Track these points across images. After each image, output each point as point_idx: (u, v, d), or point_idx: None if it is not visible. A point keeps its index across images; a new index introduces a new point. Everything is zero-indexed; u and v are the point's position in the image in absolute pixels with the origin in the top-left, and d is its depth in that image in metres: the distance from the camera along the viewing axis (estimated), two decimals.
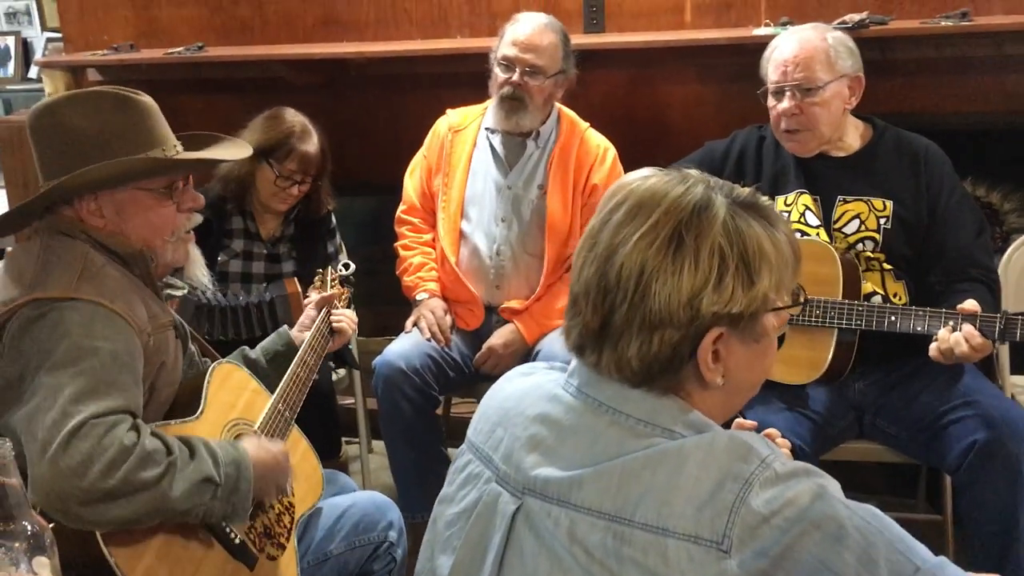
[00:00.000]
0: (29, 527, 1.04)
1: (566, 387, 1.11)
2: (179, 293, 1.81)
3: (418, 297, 2.77)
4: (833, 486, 0.98)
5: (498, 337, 2.69)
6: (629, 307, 1.01)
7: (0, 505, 1.02)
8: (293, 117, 2.71)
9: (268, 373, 1.96)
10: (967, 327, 2.03)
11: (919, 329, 2.10)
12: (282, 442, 1.79)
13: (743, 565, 0.92)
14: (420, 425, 2.60)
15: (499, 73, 2.64)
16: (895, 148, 2.33)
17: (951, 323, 2.06)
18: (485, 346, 2.69)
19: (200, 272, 1.87)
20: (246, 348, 2.04)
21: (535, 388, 1.15)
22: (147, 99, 1.66)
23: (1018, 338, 2.01)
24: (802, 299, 1.10)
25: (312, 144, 2.69)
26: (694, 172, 1.09)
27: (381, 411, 2.62)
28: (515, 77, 2.61)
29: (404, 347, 2.63)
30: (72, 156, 1.59)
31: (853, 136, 2.36)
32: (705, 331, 1.02)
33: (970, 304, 2.06)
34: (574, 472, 1.02)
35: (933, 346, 2.06)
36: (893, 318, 2.13)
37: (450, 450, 2.73)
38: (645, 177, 1.09)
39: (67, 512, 1.36)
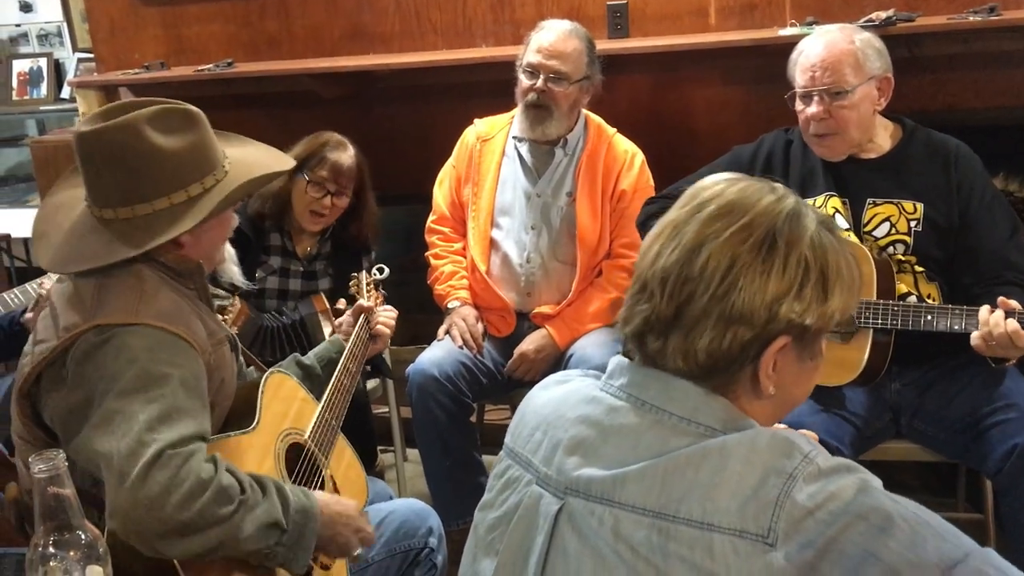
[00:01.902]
0: (83, 536, 1.06)
1: (606, 388, 1.13)
2: (225, 303, 1.85)
3: (450, 305, 2.79)
4: (875, 482, 0.98)
5: (530, 343, 2.70)
6: (710, 299, 1.03)
7: (55, 515, 1.04)
8: (331, 134, 2.76)
9: (323, 379, 1.99)
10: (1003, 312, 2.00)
11: (956, 328, 2.08)
12: (357, 503, 1.77)
13: (789, 557, 0.93)
14: (454, 432, 2.61)
15: (524, 80, 2.66)
16: (925, 149, 2.30)
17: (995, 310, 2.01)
18: (517, 352, 2.70)
19: (234, 269, 1.89)
20: (298, 355, 2.06)
21: (573, 393, 1.17)
22: (199, 111, 1.64)
23: None
24: (854, 328, 1.13)
25: (346, 155, 2.72)
26: (779, 184, 1.12)
27: (415, 419, 2.64)
28: (539, 84, 2.62)
29: (437, 355, 2.64)
30: (165, 178, 1.55)
31: (883, 137, 2.33)
32: (775, 336, 1.04)
33: (1004, 300, 2.03)
34: (617, 471, 1.04)
35: (975, 334, 2.02)
36: (929, 317, 2.11)
37: (485, 457, 2.73)
38: (733, 180, 1.11)
39: (143, 541, 1.38)
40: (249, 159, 1.73)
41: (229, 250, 1.84)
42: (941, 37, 2.74)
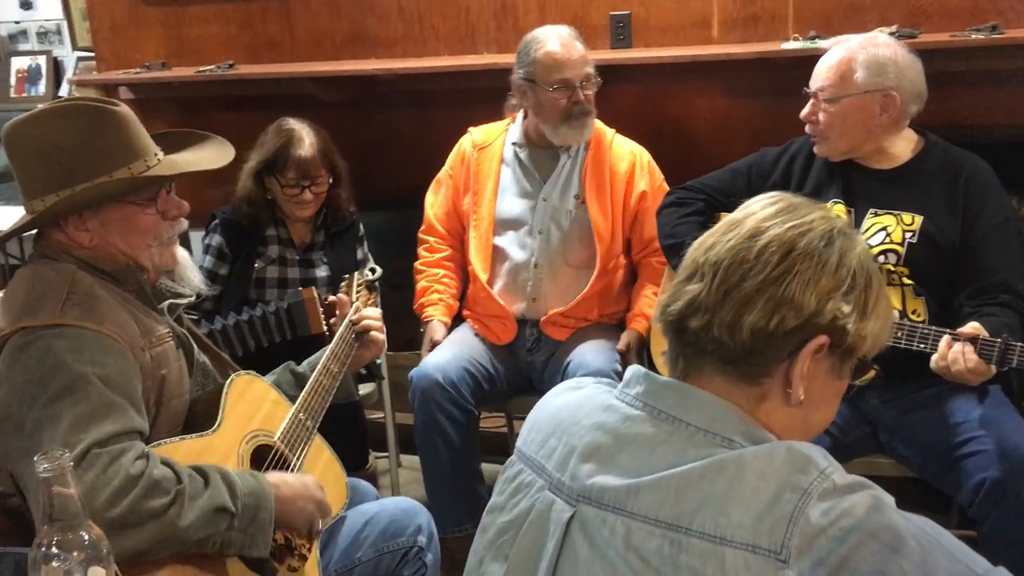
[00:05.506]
0: (86, 537, 1.05)
1: (622, 396, 1.13)
2: (185, 301, 1.84)
3: (424, 322, 2.82)
4: (888, 499, 0.98)
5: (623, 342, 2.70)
6: (764, 279, 1.05)
7: (59, 515, 1.03)
8: (288, 126, 2.76)
9: None
10: (967, 344, 1.98)
11: (922, 347, 2.07)
12: (314, 477, 1.77)
13: (802, 575, 0.92)
14: (456, 439, 2.59)
15: (558, 97, 2.64)
16: (939, 164, 2.29)
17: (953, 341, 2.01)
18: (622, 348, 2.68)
19: (191, 274, 1.87)
20: (292, 363, 2.04)
21: (588, 400, 1.16)
22: (124, 109, 1.66)
23: (1015, 364, 1.95)
24: (871, 373, 1.13)
25: (306, 148, 2.72)
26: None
27: (417, 423, 2.62)
28: (581, 96, 2.64)
29: (441, 360, 2.63)
30: (55, 174, 1.59)
31: (901, 149, 2.33)
32: (817, 332, 1.05)
33: (971, 327, 2.02)
34: (631, 480, 1.03)
35: (933, 358, 2.02)
36: (899, 334, 2.09)
37: (482, 465, 2.72)
38: (790, 194, 1.15)
39: None
40: (185, 161, 1.75)
41: (184, 255, 1.84)
42: (943, 54, 2.75)
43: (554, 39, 2.66)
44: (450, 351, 2.68)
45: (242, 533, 1.52)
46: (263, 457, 1.75)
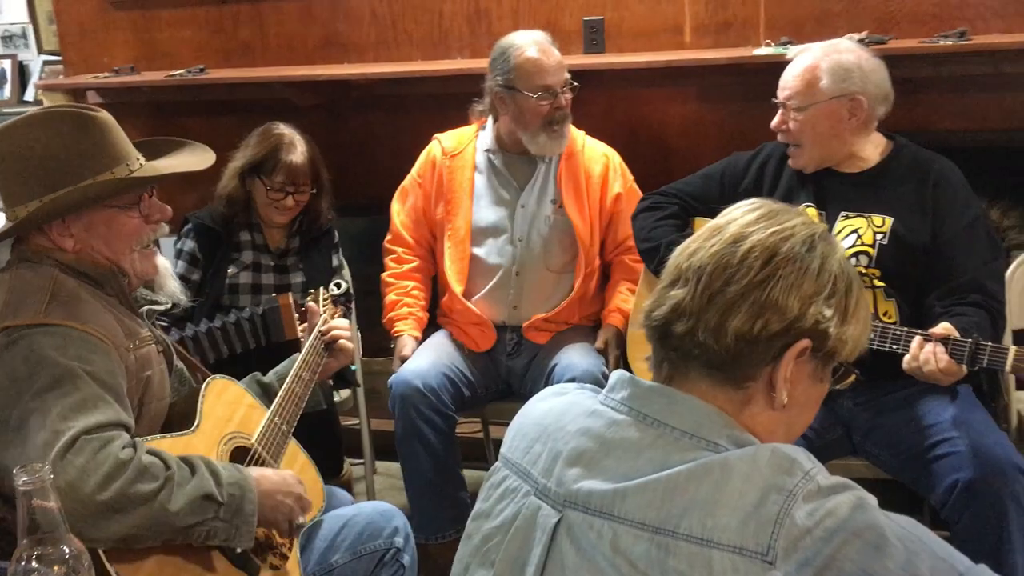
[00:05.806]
0: (67, 550, 1.03)
1: (606, 401, 1.13)
2: (161, 308, 1.84)
3: (394, 337, 2.80)
4: (871, 500, 0.99)
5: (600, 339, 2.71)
6: (748, 284, 1.06)
7: (38, 529, 1.02)
8: (280, 130, 2.75)
9: None
10: (938, 345, 2.00)
11: (894, 348, 2.09)
12: (293, 472, 1.78)
13: None
14: (438, 445, 2.58)
15: (541, 104, 2.63)
16: (909, 167, 2.32)
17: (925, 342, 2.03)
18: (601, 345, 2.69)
19: (171, 283, 1.88)
20: (258, 373, 2.05)
21: (572, 405, 1.17)
22: (105, 115, 1.67)
23: (985, 364, 1.98)
24: (852, 377, 1.15)
25: (297, 154, 2.71)
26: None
27: (398, 431, 2.60)
28: (563, 101, 2.65)
29: (420, 366, 2.61)
30: (37, 181, 1.60)
31: (870, 153, 2.35)
32: (799, 336, 1.06)
33: (942, 327, 2.04)
34: (617, 485, 1.04)
35: (905, 359, 2.04)
36: (872, 336, 2.09)
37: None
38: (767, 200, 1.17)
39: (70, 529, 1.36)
40: (167, 164, 1.77)
41: (164, 264, 1.84)
42: (911, 60, 2.79)
43: (532, 45, 2.65)
44: (429, 357, 2.66)
45: (227, 523, 1.53)
46: (241, 459, 1.76)
